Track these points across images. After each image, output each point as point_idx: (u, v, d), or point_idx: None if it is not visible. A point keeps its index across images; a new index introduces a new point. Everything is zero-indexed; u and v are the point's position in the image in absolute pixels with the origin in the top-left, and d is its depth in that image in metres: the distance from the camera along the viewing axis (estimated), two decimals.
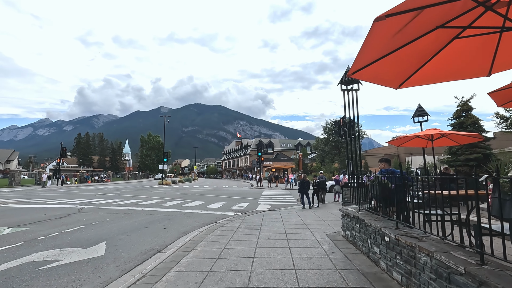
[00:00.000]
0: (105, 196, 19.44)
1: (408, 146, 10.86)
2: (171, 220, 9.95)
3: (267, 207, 13.68)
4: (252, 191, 26.04)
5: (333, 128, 38.91)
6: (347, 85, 12.53)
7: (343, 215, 6.40)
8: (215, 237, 6.85)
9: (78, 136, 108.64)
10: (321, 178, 15.49)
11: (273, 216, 10.19)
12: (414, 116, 17.51)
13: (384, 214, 5.13)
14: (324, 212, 11.15)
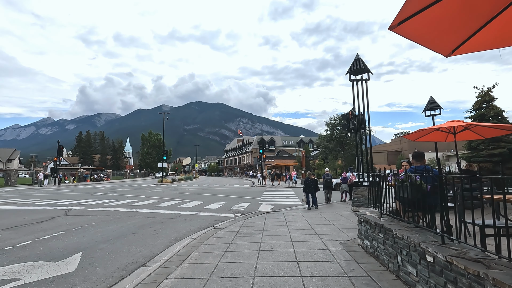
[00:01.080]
0: (99, 196, 18.54)
1: (426, 140, 9.86)
2: (163, 223, 9.00)
3: (270, 208, 12.72)
4: (254, 190, 25.09)
5: (336, 124, 37.80)
6: (356, 75, 11.49)
7: (360, 221, 5.42)
8: (210, 246, 5.88)
9: (79, 135, 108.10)
10: (326, 176, 14.52)
11: (277, 219, 9.22)
12: (425, 109, 16.45)
13: (410, 220, 4.15)
14: (332, 214, 10.16)
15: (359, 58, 11.26)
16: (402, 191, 4.07)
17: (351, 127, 10.98)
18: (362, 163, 11.32)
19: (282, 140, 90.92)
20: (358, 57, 11.31)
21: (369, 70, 11.31)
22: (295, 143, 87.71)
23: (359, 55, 11.40)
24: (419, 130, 9.48)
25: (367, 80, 11.29)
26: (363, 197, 10.50)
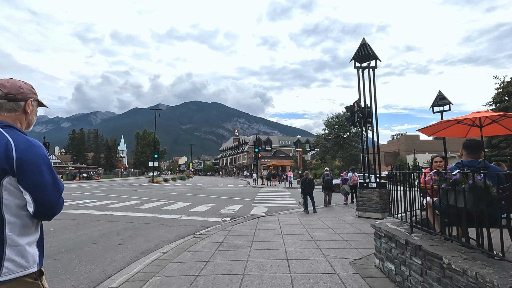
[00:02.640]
0: (78, 196, 17.03)
1: (443, 135, 8.56)
2: (136, 230, 7.58)
3: (263, 211, 11.35)
4: (248, 190, 23.71)
5: (335, 123, 36.52)
6: (362, 62, 10.17)
7: (379, 236, 4.06)
8: (179, 266, 4.49)
9: (73, 133, 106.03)
10: (326, 177, 13.17)
11: (270, 225, 7.85)
12: (433, 105, 15.17)
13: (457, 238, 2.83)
14: (334, 220, 8.81)
15: (366, 43, 9.94)
16: (454, 197, 2.71)
17: (357, 120, 9.63)
18: (368, 162, 10.00)
19: (278, 140, 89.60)
20: (364, 42, 9.98)
21: (377, 56, 10.00)
22: (291, 143, 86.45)
23: (365, 40, 10.08)
24: (436, 123, 8.15)
25: (374, 67, 9.97)
26: (370, 200, 9.18)
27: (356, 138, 35.19)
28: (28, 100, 1.47)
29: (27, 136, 1.38)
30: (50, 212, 1.36)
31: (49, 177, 1.35)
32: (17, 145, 1.30)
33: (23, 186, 1.29)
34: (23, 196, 1.31)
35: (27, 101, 1.46)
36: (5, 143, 1.28)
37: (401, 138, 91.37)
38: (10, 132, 1.34)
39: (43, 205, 1.32)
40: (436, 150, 78.80)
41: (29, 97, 1.47)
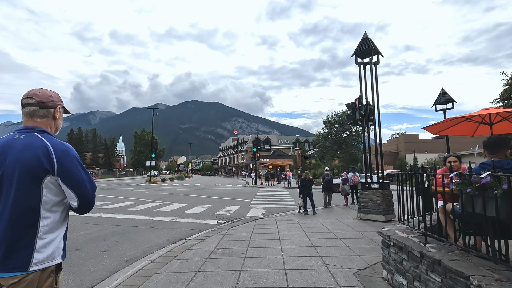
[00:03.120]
0: None
1: (450, 133, 8.14)
2: (125, 234, 7.14)
3: (261, 213, 10.93)
4: (246, 190, 23.28)
5: (334, 122, 36.09)
6: (364, 57, 9.74)
7: (388, 245, 3.63)
8: (166, 277, 4.06)
9: (71, 132, 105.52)
10: (326, 177, 12.75)
11: (267, 229, 7.42)
12: (436, 103, 14.76)
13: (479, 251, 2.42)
14: (335, 222, 8.39)
15: (368, 37, 9.51)
16: (481, 203, 2.28)
17: (358, 118, 9.20)
18: (370, 161, 9.58)
19: (277, 140, 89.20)
20: (366, 36, 9.55)
21: (379, 51, 9.57)
22: (290, 142, 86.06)
23: (367, 34, 9.65)
24: (443, 121, 7.72)
25: (376, 63, 9.54)
26: (372, 202, 8.75)
27: (356, 137, 34.83)
28: (57, 107, 1.63)
29: (59, 140, 1.54)
30: (90, 205, 1.55)
31: (85, 174, 1.54)
32: (55, 148, 1.47)
33: (67, 184, 1.47)
34: (63, 193, 1.50)
35: (56, 108, 1.63)
36: (44, 146, 1.46)
37: (401, 137, 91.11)
38: (45, 136, 1.52)
39: (85, 199, 1.51)
40: (435, 150, 78.36)
41: (57, 105, 1.64)
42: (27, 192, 1.43)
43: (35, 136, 1.51)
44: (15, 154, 1.44)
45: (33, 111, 1.57)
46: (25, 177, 1.42)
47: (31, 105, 1.56)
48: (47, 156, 1.45)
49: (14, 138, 1.50)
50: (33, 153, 1.45)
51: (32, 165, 1.43)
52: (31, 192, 1.44)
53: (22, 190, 1.42)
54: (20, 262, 1.38)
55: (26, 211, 1.42)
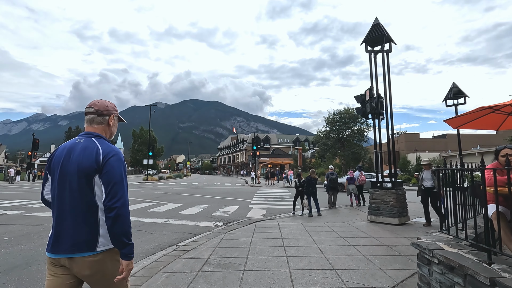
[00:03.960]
0: None
1: (472, 128, 7.35)
2: None
3: (261, 214, 10.14)
4: (246, 190, 22.48)
5: (336, 120, 35.25)
6: (374, 45, 8.93)
7: (429, 261, 2.81)
8: None
9: (69, 130, 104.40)
10: (331, 175, 11.96)
11: (269, 233, 6.62)
12: (447, 98, 13.96)
13: None
14: (344, 225, 7.59)
15: (379, 23, 8.69)
16: None
17: (369, 111, 8.38)
18: (381, 158, 8.78)
19: (277, 138, 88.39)
20: (377, 22, 8.74)
21: (392, 39, 8.76)
22: (290, 141, 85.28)
23: (378, 20, 8.84)
24: (466, 113, 6.91)
25: (388, 51, 8.73)
26: (384, 202, 7.95)
27: (358, 135, 34.02)
28: (111, 115, 1.93)
29: (110, 144, 1.83)
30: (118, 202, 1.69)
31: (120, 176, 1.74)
32: (103, 151, 1.76)
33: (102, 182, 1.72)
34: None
35: (110, 116, 1.93)
36: (96, 149, 1.76)
37: (401, 136, 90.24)
38: (99, 140, 1.82)
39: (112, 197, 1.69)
40: (436, 149, 77.54)
41: (112, 113, 1.94)
42: (84, 187, 1.70)
43: (91, 141, 1.79)
44: (76, 156, 1.73)
45: (92, 118, 1.86)
46: (81, 175, 1.70)
47: (91, 113, 1.86)
48: (96, 158, 1.71)
49: (76, 142, 1.80)
50: (87, 156, 1.72)
51: (86, 165, 1.70)
52: (87, 188, 1.71)
53: (81, 185, 1.70)
54: (89, 244, 1.68)
55: (86, 203, 1.71)
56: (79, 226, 1.69)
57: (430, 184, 7.66)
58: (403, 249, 5.07)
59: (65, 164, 1.74)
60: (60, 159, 1.76)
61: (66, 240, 1.68)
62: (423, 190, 7.81)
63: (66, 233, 1.69)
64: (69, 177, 1.72)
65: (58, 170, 1.75)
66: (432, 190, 7.61)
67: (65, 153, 1.76)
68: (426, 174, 7.79)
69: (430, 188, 7.65)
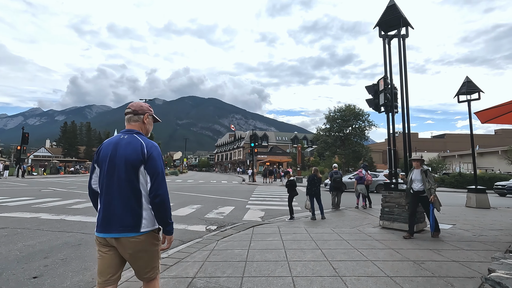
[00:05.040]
0: (44, 194, 14.72)
1: (500, 122, 6.44)
2: (80, 247, 5.35)
3: (259, 216, 9.21)
4: (243, 188, 21.53)
5: (336, 117, 34.30)
6: (389, 30, 7.96)
7: None
8: None
9: (64, 125, 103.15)
10: (335, 174, 11.01)
11: (269, 241, 5.67)
12: (459, 93, 13.02)
13: None
14: (355, 232, 6.65)
15: (395, 4, 7.71)
16: None
17: (383, 102, 7.40)
18: (396, 157, 7.85)
19: (275, 136, 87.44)
20: (393, 3, 7.74)
21: (409, 22, 7.79)
22: (288, 139, 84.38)
23: (394, 1, 7.86)
24: (499, 105, 5.97)
25: (405, 36, 7.77)
26: (399, 206, 7.02)
27: (359, 133, 33.09)
28: (145, 114, 2.25)
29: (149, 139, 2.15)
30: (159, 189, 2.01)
31: (161, 167, 2.08)
32: (147, 145, 2.07)
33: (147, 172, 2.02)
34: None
35: (144, 115, 2.24)
36: (140, 144, 2.06)
37: (399, 136, 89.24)
38: (140, 136, 2.14)
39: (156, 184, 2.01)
40: (434, 149, 76.97)
41: (146, 112, 2.25)
42: (130, 176, 2.00)
43: (134, 137, 2.12)
44: (122, 150, 2.04)
45: (129, 117, 2.22)
46: (128, 166, 2.01)
47: (129, 113, 2.23)
48: (142, 151, 2.04)
49: (120, 138, 2.12)
50: (133, 149, 2.04)
51: (133, 157, 2.02)
52: (132, 176, 2.00)
53: (128, 175, 2.00)
54: (135, 225, 1.98)
55: (132, 190, 2.01)
56: (126, 210, 1.97)
57: (419, 186, 6.15)
58: (434, 268, 4.13)
59: (113, 157, 2.02)
60: (107, 152, 2.05)
61: (115, 222, 1.96)
62: (412, 195, 6.35)
63: (115, 216, 1.97)
64: (117, 168, 2.00)
65: (107, 162, 2.03)
66: (421, 194, 6.15)
67: (112, 148, 2.06)
68: (416, 174, 6.29)
69: (419, 192, 6.17)
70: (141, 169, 2.00)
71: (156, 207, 2.00)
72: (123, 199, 1.97)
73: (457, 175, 28.86)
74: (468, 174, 30.26)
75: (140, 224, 1.97)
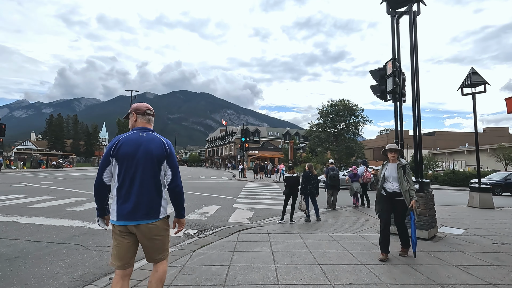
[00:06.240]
0: (10, 190, 13.36)
1: None
2: (16, 261, 4.20)
3: (247, 217, 8.18)
4: (231, 185, 20.45)
5: (330, 112, 33.40)
6: (399, 6, 6.92)
7: None
8: None
9: (50, 118, 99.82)
10: (332, 171, 10.02)
11: (256, 252, 4.62)
12: (463, 86, 12.15)
13: None
14: (356, 239, 5.66)
15: None
16: None
17: (391, 89, 6.38)
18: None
19: (267, 132, 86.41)
20: None
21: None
22: (280, 135, 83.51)
23: None
24: None
25: (416, 13, 6.75)
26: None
27: (353, 129, 32.30)
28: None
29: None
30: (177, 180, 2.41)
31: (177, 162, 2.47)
32: (167, 142, 2.41)
33: (169, 165, 2.39)
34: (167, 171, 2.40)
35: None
36: (161, 141, 2.39)
37: (390, 133, 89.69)
38: (158, 135, 2.45)
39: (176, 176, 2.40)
40: (425, 146, 77.23)
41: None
42: (154, 170, 2.30)
43: (153, 134, 2.42)
44: (145, 146, 2.30)
45: (150, 119, 2.53)
46: (154, 160, 2.30)
47: (151, 115, 2.54)
48: (164, 147, 2.36)
49: (140, 135, 2.36)
50: (157, 146, 2.34)
51: (158, 153, 2.33)
52: (156, 170, 2.31)
53: (153, 168, 2.30)
54: (155, 213, 2.28)
55: (155, 181, 2.30)
56: (149, 200, 2.27)
57: (395, 187, 4.45)
58: None
59: (136, 152, 2.27)
60: (129, 148, 2.28)
61: (139, 210, 2.23)
62: (384, 197, 4.57)
63: (140, 205, 2.24)
64: (142, 162, 2.26)
65: (130, 158, 2.27)
66: (397, 197, 4.43)
67: (133, 144, 2.30)
68: (390, 169, 4.56)
69: (395, 193, 4.45)
70: (164, 163, 2.34)
71: (176, 195, 2.40)
72: (147, 190, 2.25)
73: (450, 173, 28.43)
74: (461, 171, 29.87)
75: (159, 212, 2.29)
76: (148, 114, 2.49)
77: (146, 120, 2.48)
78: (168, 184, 2.36)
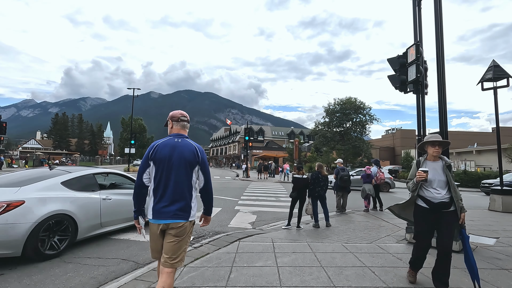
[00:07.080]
0: None
1: None
2: None
3: (250, 221, 7.45)
4: (234, 185, 19.74)
5: (336, 111, 32.47)
6: None
7: None
8: None
9: (56, 117, 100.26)
10: (342, 171, 9.23)
11: (258, 268, 3.89)
12: (483, 80, 11.27)
13: None
14: (375, 250, 4.89)
15: None
16: None
17: (414, 78, 5.58)
18: None
19: (271, 131, 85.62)
20: None
21: None
22: (285, 134, 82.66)
23: None
24: None
25: None
26: None
27: (360, 127, 31.37)
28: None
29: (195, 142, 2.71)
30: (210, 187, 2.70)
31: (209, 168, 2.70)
32: (199, 149, 2.64)
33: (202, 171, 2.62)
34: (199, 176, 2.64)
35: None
36: (194, 147, 2.61)
37: (397, 133, 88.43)
38: (190, 141, 2.66)
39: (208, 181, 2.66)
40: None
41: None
42: (187, 173, 2.52)
43: (187, 141, 2.63)
44: (179, 151, 2.53)
45: (185, 125, 2.73)
46: (186, 165, 2.52)
47: (186, 121, 2.74)
48: (196, 154, 2.58)
49: (175, 141, 2.58)
50: (190, 151, 2.56)
51: (191, 158, 2.54)
52: (188, 174, 2.53)
53: (187, 172, 2.52)
54: (186, 214, 2.47)
55: (188, 184, 2.52)
56: (182, 201, 2.47)
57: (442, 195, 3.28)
58: None
59: (171, 157, 2.50)
60: (165, 153, 2.51)
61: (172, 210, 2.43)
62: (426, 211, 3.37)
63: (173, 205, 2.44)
64: (177, 166, 2.48)
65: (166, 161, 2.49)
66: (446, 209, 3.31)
67: (169, 149, 2.52)
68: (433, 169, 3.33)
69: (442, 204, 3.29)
70: (195, 169, 2.58)
71: (209, 196, 2.73)
72: (181, 191, 2.48)
73: (461, 173, 27.41)
74: (473, 172, 28.81)
75: (189, 213, 2.51)
76: (182, 121, 2.70)
77: (181, 126, 2.70)
78: (202, 187, 2.63)
